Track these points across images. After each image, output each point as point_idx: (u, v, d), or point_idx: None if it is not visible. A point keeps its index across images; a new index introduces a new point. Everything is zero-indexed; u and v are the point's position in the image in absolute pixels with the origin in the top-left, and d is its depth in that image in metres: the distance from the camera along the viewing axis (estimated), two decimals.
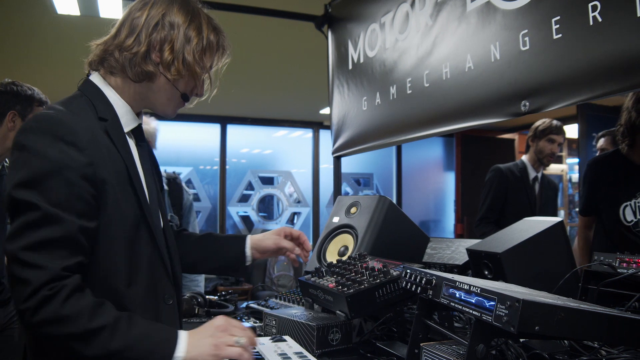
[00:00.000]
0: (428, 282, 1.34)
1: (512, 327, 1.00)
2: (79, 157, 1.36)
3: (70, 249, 1.33)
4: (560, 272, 1.92)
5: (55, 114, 1.39)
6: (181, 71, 1.56)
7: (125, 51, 1.54)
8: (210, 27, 1.63)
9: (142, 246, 1.52)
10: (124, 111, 1.59)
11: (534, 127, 4.24)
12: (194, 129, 8.73)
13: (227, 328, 1.40)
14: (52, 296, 1.26)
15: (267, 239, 1.96)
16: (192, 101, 1.76)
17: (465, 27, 2.39)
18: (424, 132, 2.71)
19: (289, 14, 3.85)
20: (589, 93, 1.80)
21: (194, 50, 1.57)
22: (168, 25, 1.55)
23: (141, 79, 1.56)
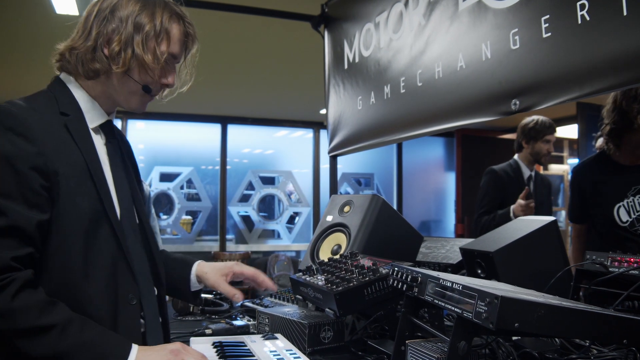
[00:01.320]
0: (414, 279, 1.34)
1: (491, 323, 1.00)
2: (27, 147, 1.34)
3: (19, 239, 1.30)
4: (554, 271, 1.92)
5: (7, 107, 1.39)
6: (127, 62, 1.51)
7: (75, 50, 1.52)
8: (167, 14, 1.58)
9: (102, 242, 1.48)
10: (89, 107, 1.57)
11: (527, 127, 4.14)
12: (195, 129, 8.75)
13: (179, 352, 1.38)
14: (1, 288, 1.24)
15: (208, 279, 1.87)
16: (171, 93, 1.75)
17: (457, 27, 2.39)
18: (417, 131, 2.72)
19: (285, 14, 3.86)
20: (578, 91, 1.80)
21: (144, 37, 1.52)
22: (118, 16, 1.51)
23: (91, 75, 1.54)
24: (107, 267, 1.48)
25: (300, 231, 9.06)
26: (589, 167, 3.16)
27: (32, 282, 1.30)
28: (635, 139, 2.88)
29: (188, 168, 8.55)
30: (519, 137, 4.21)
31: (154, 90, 1.64)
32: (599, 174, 3.04)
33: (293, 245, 8.94)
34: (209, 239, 8.80)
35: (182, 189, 8.52)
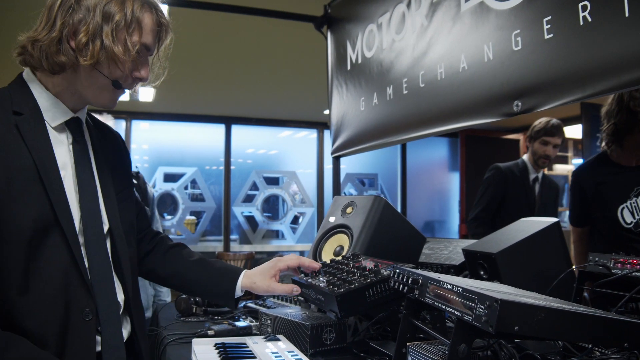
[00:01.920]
0: (414, 281, 1.34)
1: (491, 327, 1.00)
2: None
3: None
4: (556, 272, 1.91)
5: None
6: (96, 54, 1.40)
7: (37, 42, 1.41)
8: (138, 2, 1.46)
9: (52, 252, 1.37)
10: (49, 104, 1.47)
11: (531, 127, 4.18)
12: (199, 130, 8.77)
13: None
14: None
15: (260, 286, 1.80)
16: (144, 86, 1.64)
17: (459, 28, 2.39)
18: (419, 132, 2.71)
19: (289, 15, 3.86)
20: (580, 93, 1.79)
21: (113, 28, 1.41)
22: (85, 5, 1.40)
23: (56, 70, 1.43)
24: (57, 279, 1.38)
25: (305, 231, 9.06)
26: (590, 169, 3.15)
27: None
28: (638, 140, 2.88)
29: (192, 168, 8.56)
30: (526, 137, 4.24)
31: (125, 84, 1.52)
32: (600, 175, 3.02)
33: (297, 245, 8.94)
34: (213, 240, 8.81)
35: (186, 189, 8.53)
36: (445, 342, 1.31)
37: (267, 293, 1.82)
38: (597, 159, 3.15)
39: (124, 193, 1.67)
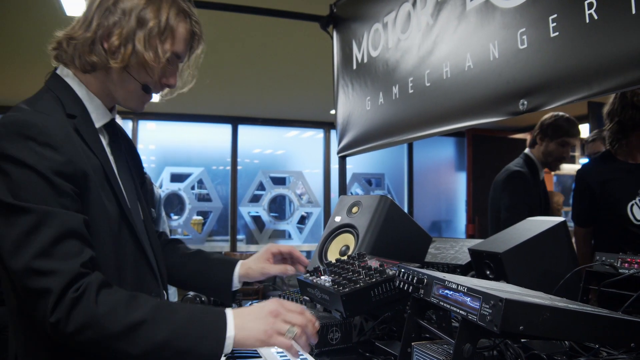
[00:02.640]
0: (419, 281, 1.33)
1: (495, 326, 0.99)
2: (55, 156, 1.27)
3: (80, 241, 1.25)
4: (563, 272, 1.90)
5: (21, 116, 1.29)
6: (126, 58, 1.42)
7: (73, 40, 1.44)
8: (174, 10, 1.47)
9: (126, 244, 1.44)
10: (94, 106, 1.49)
11: (545, 124, 3.71)
12: (205, 130, 8.78)
13: (279, 313, 1.32)
14: (79, 297, 1.18)
15: (254, 269, 1.85)
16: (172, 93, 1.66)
17: (465, 26, 2.38)
18: (425, 131, 2.71)
19: (294, 15, 3.86)
20: (586, 91, 1.78)
21: (147, 34, 1.42)
22: (121, 8, 1.42)
23: (87, 69, 1.45)
24: (132, 268, 1.46)
25: (311, 231, 9.06)
26: (595, 168, 3.13)
27: (105, 282, 1.25)
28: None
29: (199, 168, 8.57)
30: (535, 131, 3.79)
31: (154, 90, 1.55)
32: (607, 173, 3.01)
33: (304, 245, 8.94)
34: (220, 239, 8.82)
35: (193, 189, 8.55)
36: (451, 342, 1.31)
37: (262, 276, 1.85)
38: (602, 157, 3.15)
39: (142, 190, 1.73)
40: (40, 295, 1.18)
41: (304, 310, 1.38)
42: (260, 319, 1.30)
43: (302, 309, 1.38)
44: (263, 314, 1.32)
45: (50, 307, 1.16)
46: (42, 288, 1.17)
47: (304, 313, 1.37)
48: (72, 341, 1.20)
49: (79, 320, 1.17)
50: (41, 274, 1.18)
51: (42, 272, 1.18)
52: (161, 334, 1.20)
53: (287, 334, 1.31)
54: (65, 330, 1.17)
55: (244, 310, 1.33)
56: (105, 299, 1.21)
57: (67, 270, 1.19)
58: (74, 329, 1.17)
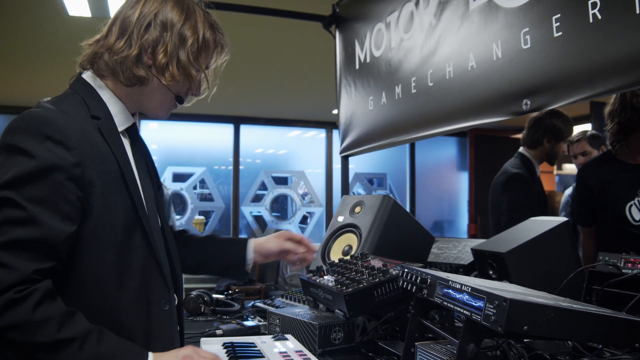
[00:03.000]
0: (423, 281, 1.33)
1: (500, 326, 0.99)
2: (66, 156, 1.29)
3: (46, 252, 1.26)
4: (566, 272, 1.90)
5: (42, 112, 1.32)
6: (176, 75, 1.48)
7: (116, 54, 1.46)
8: (207, 25, 1.54)
9: (136, 250, 1.45)
10: (117, 110, 1.51)
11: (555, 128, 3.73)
12: (208, 129, 8.78)
13: (192, 358, 1.35)
14: (20, 299, 1.19)
15: (270, 242, 1.92)
16: (189, 101, 1.69)
17: (468, 26, 2.38)
18: (428, 131, 2.71)
19: (297, 14, 3.86)
20: (590, 91, 1.78)
21: (189, 51, 1.48)
22: (161, 25, 1.46)
23: (133, 82, 1.48)
24: (139, 274, 1.46)
25: (313, 231, 9.06)
26: (595, 168, 3.13)
27: (51, 292, 1.26)
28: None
29: (201, 168, 8.57)
30: (539, 132, 3.77)
31: (185, 100, 1.61)
32: (606, 173, 3.01)
33: None
34: None
35: (195, 189, 8.56)
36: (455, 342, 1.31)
37: (278, 248, 1.93)
38: (602, 157, 3.15)
39: (159, 192, 1.75)
40: None
41: (217, 357, 1.41)
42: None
43: (215, 356, 1.41)
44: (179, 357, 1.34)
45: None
46: None
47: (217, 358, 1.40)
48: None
49: (10, 320, 1.19)
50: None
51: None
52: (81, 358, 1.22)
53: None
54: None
55: (163, 354, 1.35)
56: (44, 309, 1.22)
57: (20, 270, 1.21)
58: (2, 325, 1.19)
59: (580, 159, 4.38)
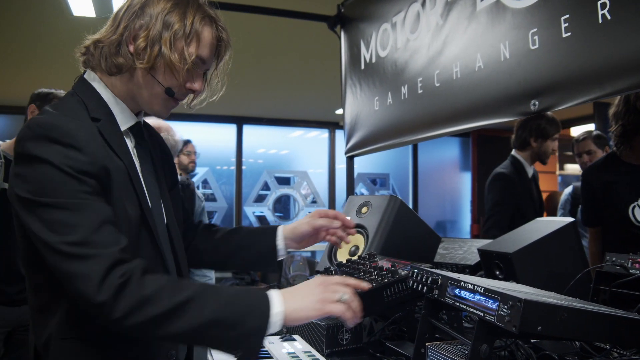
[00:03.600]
0: (434, 281, 1.33)
1: (514, 327, 0.99)
2: (79, 156, 1.29)
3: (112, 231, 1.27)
4: (572, 273, 1.90)
5: (45, 118, 1.33)
6: (152, 59, 1.43)
7: (100, 43, 1.45)
8: (200, 15, 1.49)
9: (142, 248, 1.45)
10: (119, 109, 1.50)
11: (537, 124, 3.86)
12: (210, 129, 8.77)
13: (326, 282, 1.36)
14: (126, 282, 1.21)
15: (302, 225, 1.82)
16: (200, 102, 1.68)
17: (475, 27, 2.38)
18: (434, 131, 2.71)
19: (301, 15, 3.86)
20: (598, 91, 1.78)
21: (172, 37, 1.43)
22: (148, 12, 1.44)
23: (113, 71, 1.46)
24: None
25: None
26: (599, 169, 3.14)
27: (149, 268, 1.28)
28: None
29: (204, 168, 8.58)
30: (525, 133, 3.93)
31: (178, 94, 1.55)
32: (610, 175, 3.02)
33: None
34: None
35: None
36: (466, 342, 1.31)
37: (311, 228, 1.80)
38: (606, 158, 3.15)
39: (174, 191, 1.74)
40: (82, 282, 1.20)
41: (347, 279, 1.41)
42: (310, 290, 1.34)
43: (345, 278, 1.41)
44: (311, 286, 1.35)
45: (92, 291, 1.19)
46: (82, 274, 1.20)
47: (348, 282, 1.40)
48: (120, 326, 1.22)
49: (127, 304, 1.20)
50: (81, 259, 1.21)
51: (81, 257, 1.21)
52: (208, 312, 1.23)
53: (341, 299, 1.33)
54: (112, 316, 1.20)
55: (291, 288, 1.36)
56: (152, 282, 1.24)
57: (106, 255, 1.22)
58: (122, 313, 1.20)
59: (584, 157, 4.43)
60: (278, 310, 1.28)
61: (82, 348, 1.37)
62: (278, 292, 1.32)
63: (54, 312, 1.37)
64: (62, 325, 1.37)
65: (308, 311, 1.31)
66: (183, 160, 5.52)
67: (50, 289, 1.37)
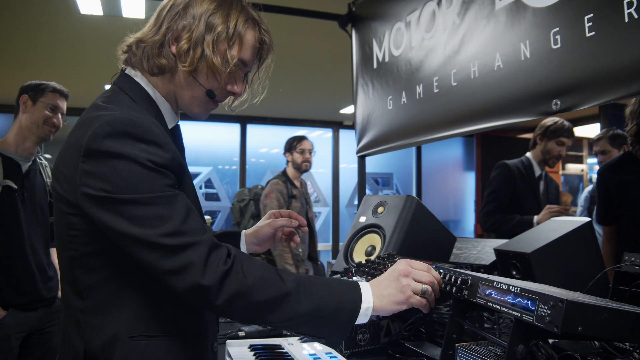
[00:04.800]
0: (464, 282, 1.32)
1: (556, 327, 0.99)
2: (161, 153, 1.27)
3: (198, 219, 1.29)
4: (589, 272, 1.90)
5: (123, 114, 1.28)
6: (195, 62, 1.40)
7: (142, 43, 1.43)
8: (243, 17, 1.46)
9: None
10: (165, 109, 1.49)
11: (545, 126, 4.07)
12: (214, 129, 8.75)
13: (410, 272, 1.38)
14: (230, 269, 1.24)
15: (263, 227, 1.84)
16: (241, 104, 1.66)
17: (494, 26, 2.37)
18: (451, 131, 2.71)
19: (312, 13, 3.84)
20: (624, 91, 1.77)
21: (214, 39, 1.41)
22: (191, 13, 1.41)
23: (155, 72, 1.44)
24: None
25: (319, 231, 9.02)
26: (614, 168, 3.16)
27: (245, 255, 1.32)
28: None
29: (207, 168, 8.56)
30: (536, 133, 4.14)
31: (219, 96, 1.52)
32: (624, 174, 3.05)
33: None
34: None
35: (201, 188, 8.55)
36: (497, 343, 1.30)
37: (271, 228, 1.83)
38: (621, 158, 3.18)
39: None
40: (187, 270, 1.21)
41: (430, 268, 1.42)
42: (394, 281, 1.37)
43: (428, 267, 1.42)
44: (395, 276, 1.38)
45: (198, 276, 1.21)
46: (184, 264, 1.21)
47: (430, 271, 1.41)
48: (221, 310, 1.27)
49: (232, 290, 1.23)
50: (179, 250, 1.22)
51: (179, 248, 1.22)
52: (305, 305, 1.28)
53: (422, 292, 1.36)
54: (217, 301, 1.23)
55: (378, 280, 1.40)
56: (251, 270, 1.27)
57: (205, 241, 1.24)
58: (226, 298, 1.23)
59: (600, 157, 4.47)
60: (367, 306, 1.33)
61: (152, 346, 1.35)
62: (367, 287, 1.36)
63: (116, 311, 1.34)
64: (131, 324, 1.34)
65: (393, 305, 1.35)
66: (296, 159, 5.26)
67: (109, 288, 1.34)
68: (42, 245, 2.94)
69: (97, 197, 1.23)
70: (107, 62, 1.53)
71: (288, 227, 1.85)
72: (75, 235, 1.33)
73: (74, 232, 1.33)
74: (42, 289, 2.90)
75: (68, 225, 1.33)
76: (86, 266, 1.34)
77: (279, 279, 1.28)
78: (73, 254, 1.34)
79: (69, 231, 1.33)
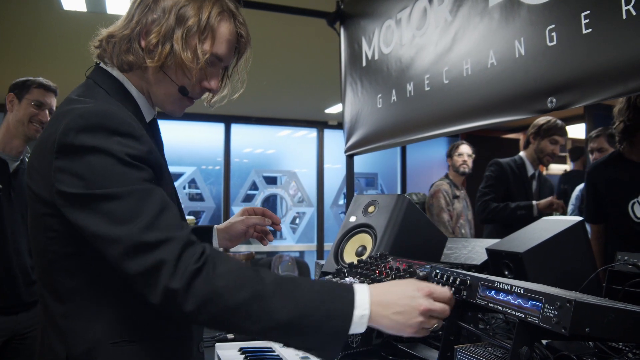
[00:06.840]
0: (462, 282, 1.30)
1: (563, 328, 0.96)
2: (137, 145, 1.22)
3: (177, 214, 1.21)
4: (581, 272, 1.89)
5: (96, 107, 1.23)
6: (162, 57, 1.34)
7: (113, 38, 1.38)
8: (217, 9, 1.39)
9: None
10: (142, 102, 1.44)
11: (537, 125, 4.17)
12: (198, 128, 8.67)
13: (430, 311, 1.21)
14: (200, 268, 1.13)
15: (236, 223, 1.81)
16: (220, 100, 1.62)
17: (487, 23, 2.35)
18: (443, 129, 2.68)
19: (299, 11, 3.81)
20: (621, 88, 1.76)
21: (184, 33, 1.34)
22: (162, 6, 1.35)
23: (125, 68, 1.39)
24: None
25: (304, 231, 9.02)
26: (602, 166, 3.21)
27: (217, 252, 1.21)
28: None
29: (191, 168, 8.49)
30: (529, 132, 4.23)
31: (192, 93, 1.47)
32: (612, 172, 3.10)
33: (296, 245, 8.91)
34: None
35: (185, 189, 8.48)
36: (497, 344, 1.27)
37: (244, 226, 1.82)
38: (610, 156, 3.24)
39: None
40: (154, 272, 1.13)
41: (451, 297, 1.27)
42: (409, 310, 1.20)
43: (450, 295, 1.27)
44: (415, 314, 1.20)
45: (164, 276, 1.12)
46: (154, 263, 1.13)
47: (450, 302, 1.27)
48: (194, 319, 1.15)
49: (201, 293, 1.12)
50: (151, 247, 1.13)
51: (151, 245, 1.13)
52: (284, 312, 1.15)
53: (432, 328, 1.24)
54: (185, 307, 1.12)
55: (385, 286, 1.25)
56: (222, 271, 1.16)
57: (178, 237, 1.15)
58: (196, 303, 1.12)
59: (595, 154, 4.52)
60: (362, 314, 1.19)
61: (136, 350, 1.30)
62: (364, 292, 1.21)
63: (98, 316, 1.29)
64: (113, 329, 1.29)
65: (394, 325, 1.21)
66: (455, 163, 5.52)
67: (90, 292, 1.29)
68: (26, 247, 2.87)
69: (71, 194, 1.18)
70: (91, 59, 1.48)
71: (261, 225, 1.82)
72: (52, 237, 1.27)
73: (52, 233, 1.27)
74: (23, 293, 2.83)
75: (45, 227, 1.27)
76: (66, 269, 1.28)
77: (255, 281, 1.16)
78: (52, 256, 1.28)
79: (47, 233, 1.27)
